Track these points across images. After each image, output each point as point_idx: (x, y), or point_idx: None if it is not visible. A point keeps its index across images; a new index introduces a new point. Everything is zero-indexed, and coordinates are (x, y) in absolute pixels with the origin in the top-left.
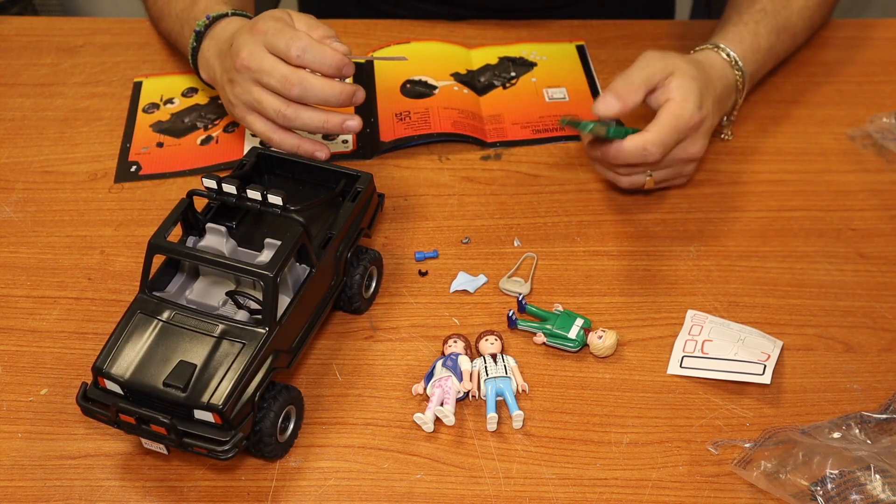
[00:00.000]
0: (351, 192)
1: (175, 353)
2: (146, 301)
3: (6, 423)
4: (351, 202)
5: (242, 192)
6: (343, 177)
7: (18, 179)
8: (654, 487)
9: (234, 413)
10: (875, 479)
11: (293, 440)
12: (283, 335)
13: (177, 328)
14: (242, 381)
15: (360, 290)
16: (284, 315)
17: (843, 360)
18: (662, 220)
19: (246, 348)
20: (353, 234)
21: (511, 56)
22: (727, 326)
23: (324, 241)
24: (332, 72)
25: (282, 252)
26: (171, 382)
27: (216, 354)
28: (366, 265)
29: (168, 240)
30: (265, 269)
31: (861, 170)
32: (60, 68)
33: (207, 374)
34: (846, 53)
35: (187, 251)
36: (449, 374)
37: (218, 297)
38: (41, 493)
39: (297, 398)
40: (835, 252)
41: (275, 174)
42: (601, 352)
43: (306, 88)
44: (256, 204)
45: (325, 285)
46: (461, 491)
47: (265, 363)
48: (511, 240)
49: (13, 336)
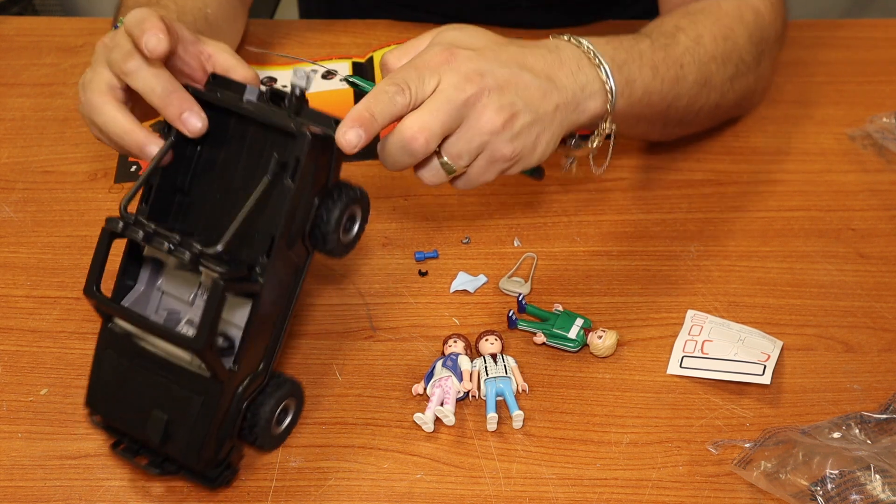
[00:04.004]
0: (289, 165)
1: (147, 400)
2: (113, 336)
3: (6, 423)
4: (290, 180)
5: (150, 239)
6: (272, 145)
7: (18, 179)
8: (654, 487)
9: (208, 460)
10: (875, 479)
11: (288, 433)
12: (245, 366)
13: (144, 372)
14: (208, 432)
15: (336, 231)
16: (239, 355)
17: (843, 360)
18: (662, 220)
19: (206, 402)
20: (306, 210)
21: None
22: (727, 326)
23: (267, 246)
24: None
25: (206, 319)
26: (147, 434)
27: (181, 406)
28: (343, 206)
29: (101, 291)
30: (193, 344)
31: (861, 170)
32: (61, 68)
33: (177, 427)
34: (846, 53)
35: (119, 309)
36: (449, 374)
37: (189, 285)
38: (41, 493)
39: (297, 391)
40: (835, 252)
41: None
42: (601, 352)
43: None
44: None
45: (283, 289)
46: (461, 491)
47: (231, 404)
48: (511, 240)
49: (13, 336)
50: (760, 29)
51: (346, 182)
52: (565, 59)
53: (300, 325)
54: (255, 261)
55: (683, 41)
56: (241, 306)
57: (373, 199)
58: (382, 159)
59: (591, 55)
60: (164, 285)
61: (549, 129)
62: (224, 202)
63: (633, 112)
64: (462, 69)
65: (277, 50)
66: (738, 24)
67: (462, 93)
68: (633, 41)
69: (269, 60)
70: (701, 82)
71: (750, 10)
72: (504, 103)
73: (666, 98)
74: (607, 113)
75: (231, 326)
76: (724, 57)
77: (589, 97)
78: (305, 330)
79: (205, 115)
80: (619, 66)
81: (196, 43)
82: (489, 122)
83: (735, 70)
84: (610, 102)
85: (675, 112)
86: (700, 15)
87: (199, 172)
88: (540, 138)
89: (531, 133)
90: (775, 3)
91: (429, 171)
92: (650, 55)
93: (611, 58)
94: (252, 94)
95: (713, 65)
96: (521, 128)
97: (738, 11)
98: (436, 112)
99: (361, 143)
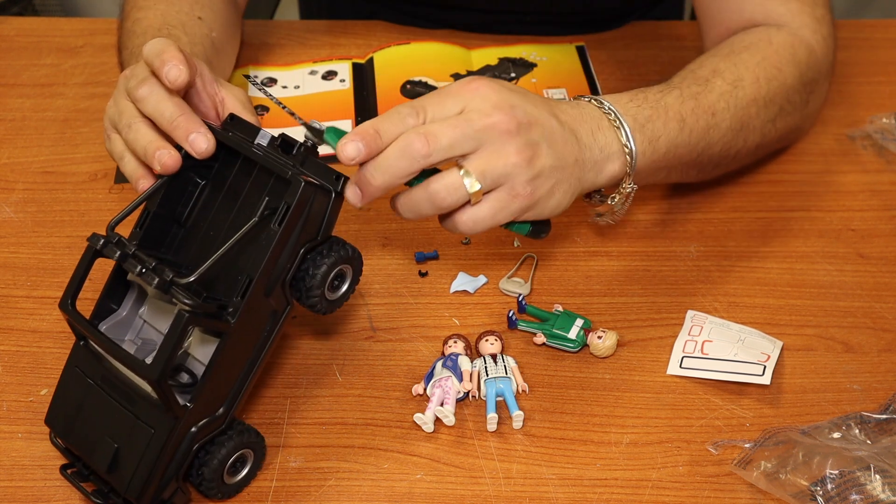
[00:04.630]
0: (278, 210)
1: (101, 425)
2: (83, 355)
3: (6, 423)
4: (277, 225)
5: (124, 259)
6: (270, 191)
7: (19, 180)
8: (654, 488)
9: (149, 497)
10: (875, 479)
11: (244, 485)
12: (202, 406)
13: (104, 396)
14: (154, 467)
15: (321, 286)
16: (197, 392)
17: (843, 360)
18: (662, 220)
19: (156, 436)
20: (290, 258)
21: (511, 57)
22: (727, 327)
23: (243, 287)
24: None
25: (165, 347)
26: (96, 460)
27: (132, 437)
28: (332, 262)
29: (75, 307)
30: (147, 371)
31: (861, 170)
32: (61, 69)
33: (125, 458)
34: (846, 53)
35: (90, 329)
36: (449, 375)
37: (169, 318)
38: (41, 493)
39: (257, 443)
40: (835, 252)
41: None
42: (601, 352)
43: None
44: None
45: (255, 333)
46: (461, 491)
47: (181, 443)
48: (511, 240)
49: (13, 336)
50: (812, 69)
51: (340, 239)
52: (586, 117)
53: (300, 326)
54: (230, 300)
55: (719, 86)
56: (212, 345)
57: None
58: (382, 171)
59: (612, 117)
60: (146, 314)
61: (567, 181)
62: (215, 240)
63: (657, 167)
64: (492, 98)
65: (277, 51)
66: (789, 65)
67: (486, 118)
68: (659, 94)
69: (270, 63)
70: (736, 128)
71: (803, 48)
72: (530, 140)
73: (695, 149)
74: (627, 175)
75: (198, 365)
76: (768, 99)
77: (607, 159)
78: (305, 330)
79: (213, 137)
80: (642, 126)
81: (213, 83)
82: (514, 153)
83: (779, 110)
84: (630, 165)
85: (708, 158)
86: (745, 54)
87: (198, 207)
88: (556, 187)
89: (551, 178)
90: (827, 36)
91: (443, 180)
92: (677, 108)
93: (633, 117)
94: (264, 138)
95: (753, 108)
96: (542, 169)
97: (791, 50)
98: (447, 127)
99: (360, 158)
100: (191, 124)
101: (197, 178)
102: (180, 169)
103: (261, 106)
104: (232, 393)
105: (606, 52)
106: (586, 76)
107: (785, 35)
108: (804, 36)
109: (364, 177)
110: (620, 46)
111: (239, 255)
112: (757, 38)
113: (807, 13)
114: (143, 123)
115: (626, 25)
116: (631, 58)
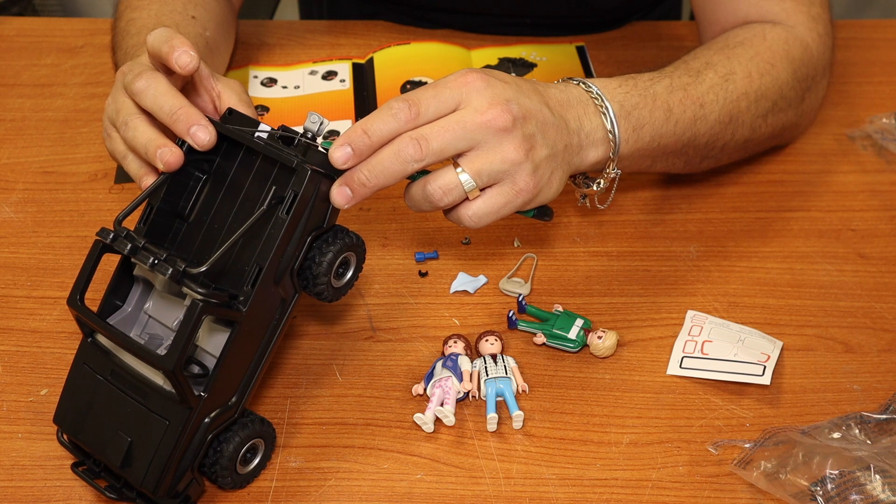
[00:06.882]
0: (285, 198)
1: (113, 420)
2: (91, 351)
3: (6, 423)
4: (286, 214)
5: (136, 251)
6: (275, 180)
7: (19, 180)
8: (654, 488)
9: (165, 490)
10: (875, 480)
11: (255, 475)
12: (216, 396)
13: (115, 390)
14: (170, 459)
15: (328, 274)
16: (210, 382)
17: (843, 360)
18: (662, 221)
19: (171, 428)
20: (298, 246)
21: (511, 57)
22: (727, 327)
23: (252, 276)
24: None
25: (180, 338)
26: (108, 456)
27: (146, 429)
28: (338, 250)
29: (84, 304)
30: (163, 362)
31: (861, 170)
32: (61, 69)
33: (139, 451)
34: (846, 53)
35: (101, 324)
36: (449, 375)
37: (175, 312)
38: (41, 493)
39: (269, 432)
40: (835, 252)
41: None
42: (601, 352)
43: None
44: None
45: (265, 322)
46: (461, 491)
47: (196, 434)
48: (511, 240)
49: (13, 336)
50: (807, 66)
51: (344, 227)
52: (574, 102)
53: (300, 326)
54: (240, 290)
55: (710, 79)
56: (220, 337)
57: (373, 198)
58: (375, 175)
59: (598, 101)
60: (151, 309)
61: (560, 167)
62: (219, 233)
63: (642, 154)
64: (487, 94)
65: (277, 51)
66: (783, 61)
67: (481, 115)
68: (649, 82)
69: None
70: (725, 121)
71: (798, 44)
72: (526, 133)
73: (681, 139)
74: (610, 160)
75: (208, 356)
76: (760, 94)
77: (591, 145)
78: (305, 330)
79: (214, 129)
80: (628, 113)
81: (209, 78)
82: (513, 151)
83: (772, 106)
84: (613, 150)
85: (695, 150)
86: (739, 49)
87: (201, 201)
88: (553, 175)
89: (548, 167)
90: (823, 34)
91: (438, 181)
92: (665, 97)
93: (619, 104)
94: (264, 131)
95: (743, 102)
96: (540, 160)
97: (785, 46)
98: (441, 130)
99: (351, 162)
100: (191, 117)
101: (198, 172)
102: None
103: (261, 106)
104: (243, 382)
105: (606, 52)
106: (586, 76)
107: (779, 31)
108: (799, 33)
109: (356, 178)
110: (620, 46)
111: (243, 247)
112: (751, 33)
113: (802, 11)
114: (140, 120)
115: (626, 26)
116: (631, 58)
